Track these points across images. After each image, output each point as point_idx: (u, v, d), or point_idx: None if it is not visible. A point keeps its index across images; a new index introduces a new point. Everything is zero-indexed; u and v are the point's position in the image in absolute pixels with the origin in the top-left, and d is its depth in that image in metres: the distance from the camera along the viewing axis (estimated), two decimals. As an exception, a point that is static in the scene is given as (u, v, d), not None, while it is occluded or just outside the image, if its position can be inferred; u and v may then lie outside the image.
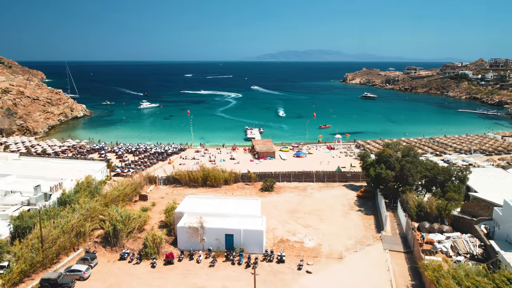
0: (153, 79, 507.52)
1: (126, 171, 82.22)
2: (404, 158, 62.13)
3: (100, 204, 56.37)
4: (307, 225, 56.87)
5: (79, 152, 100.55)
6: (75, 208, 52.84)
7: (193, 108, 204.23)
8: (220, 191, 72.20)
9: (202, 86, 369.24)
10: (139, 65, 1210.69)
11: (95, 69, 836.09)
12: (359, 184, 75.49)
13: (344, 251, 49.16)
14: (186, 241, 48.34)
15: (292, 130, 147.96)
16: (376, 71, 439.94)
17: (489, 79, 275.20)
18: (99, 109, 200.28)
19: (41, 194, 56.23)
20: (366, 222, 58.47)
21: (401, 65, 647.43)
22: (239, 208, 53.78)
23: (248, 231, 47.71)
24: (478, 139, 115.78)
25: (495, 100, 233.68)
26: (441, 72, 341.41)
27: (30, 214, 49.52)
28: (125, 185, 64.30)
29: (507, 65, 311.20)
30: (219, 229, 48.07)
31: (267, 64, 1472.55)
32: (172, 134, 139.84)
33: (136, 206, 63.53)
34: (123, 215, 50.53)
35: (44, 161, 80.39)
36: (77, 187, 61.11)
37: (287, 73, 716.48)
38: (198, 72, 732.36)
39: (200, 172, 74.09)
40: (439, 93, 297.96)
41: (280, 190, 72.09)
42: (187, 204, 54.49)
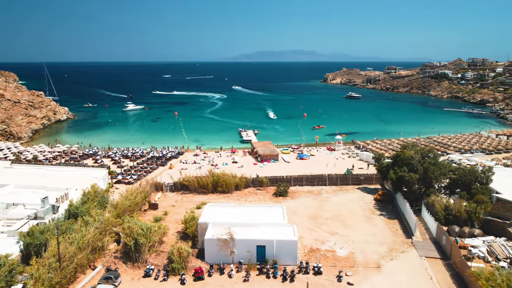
0: (131, 80, 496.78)
1: (129, 177, 77.86)
2: (425, 160, 60.62)
3: (112, 216, 52.54)
4: (333, 232, 54.51)
5: (72, 158, 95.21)
6: (88, 221, 48.75)
7: (179, 110, 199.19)
8: (232, 197, 69.04)
9: (184, 88, 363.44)
10: (115, 66, 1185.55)
11: (70, 70, 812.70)
12: (373, 186, 73.77)
13: (379, 259, 47.05)
14: (215, 254, 45.11)
15: (287, 131, 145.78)
16: (356, 71, 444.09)
17: (469, 78, 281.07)
18: (81, 111, 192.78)
19: (49, 206, 51.74)
20: (391, 227, 56.61)
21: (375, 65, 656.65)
22: (265, 217, 50.89)
23: (281, 241, 44.92)
24: (475, 138, 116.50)
25: (477, 98, 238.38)
26: (421, 72, 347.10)
27: (40, 229, 45.23)
28: (135, 194, 60.37)
29: (484, 64, 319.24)
30: (250, 240, 45.05)
31: (244, 65, 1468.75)
32: (163, 137, 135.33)
33: (147, 216, 59.73)
34: (144, 227, 46.81)
35: (39, 168, 75.18)
36: (84, 197, 56.81)
37: (266, 73, 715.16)
38: (176, 73, 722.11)
39: (209, 178, 70.68)
40: (420, 92, 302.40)
41: (295, 195, 69.54)
42: (209, 213, 51.19)
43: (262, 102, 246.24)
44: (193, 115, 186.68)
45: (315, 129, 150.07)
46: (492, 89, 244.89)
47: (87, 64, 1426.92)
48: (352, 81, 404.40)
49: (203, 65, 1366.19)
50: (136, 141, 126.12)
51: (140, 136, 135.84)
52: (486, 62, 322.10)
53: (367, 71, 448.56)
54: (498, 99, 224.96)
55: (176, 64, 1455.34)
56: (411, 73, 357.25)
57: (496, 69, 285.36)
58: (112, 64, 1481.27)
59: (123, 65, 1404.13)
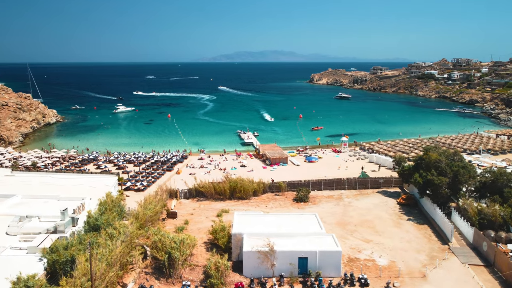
0: (114, 81, 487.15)
1: (139, 184, 74.27)
2: (454, 162, 59.35)
3: (136, 227, 49.26)
4: (367, 240, 52.53)
5: (72, 164, 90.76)
6: (113, 234, 45.39)
7: (171, 112, 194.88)
8: (251, 203, 66.42)
9: (171, 89, 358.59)
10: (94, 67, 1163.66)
11: (48, 71, 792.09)
12: (392, 190, 72.26)
13: (422, 267, 45.28)
14: (255, 267, 42.47)
15: (286, 133, 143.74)
16: (342, 71, 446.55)
17: (455, 79, 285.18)
18: (70, 114, 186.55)
19: (69, 219, 48.06)
20: (423, 232, 55.00)
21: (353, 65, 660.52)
22: (299, 226, 48.51)
23: (325, 252, 42.60)
24: (477, 139, 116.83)
25: (466, 98, 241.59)
26: (407, 72, 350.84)
27: (64, 245, 41.74)
28: (154, 203, 57.11)
29: (469, 65, 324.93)
30: (292, 252, 42.57)
31: (225, 65, 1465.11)
32: (161, 140, 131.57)
33: (166, 226, 56.58)
34: (177, 240, 43.78)
35: (44, 176, 70.81)
36: (101, 207, 53.24)
37: (249, 74, 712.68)
38: (159, 73, 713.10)
39: (226, 183, 67.86)
40: (407, 93, 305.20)
41: (316, 200, 67.39)
42: (241, 223, 48.44)
43: (253, 103, 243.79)
44: (186, 117, 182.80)
45: (314, 130, 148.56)
46: (480, 89, 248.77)
47: (65, 65, 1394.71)
48: (338, 82, 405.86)
49: (184, 65, 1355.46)
50: (134, 145, 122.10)
51: (136, 139, 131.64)
52: (470, 63, 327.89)
53: (353, 71, 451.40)
54: (487, 99, 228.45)
55: (157, 65, 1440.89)
56: (397, 74, 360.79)
57: (481, 69, 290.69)
58: (91, 65, 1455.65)
59: (103, 65, 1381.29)
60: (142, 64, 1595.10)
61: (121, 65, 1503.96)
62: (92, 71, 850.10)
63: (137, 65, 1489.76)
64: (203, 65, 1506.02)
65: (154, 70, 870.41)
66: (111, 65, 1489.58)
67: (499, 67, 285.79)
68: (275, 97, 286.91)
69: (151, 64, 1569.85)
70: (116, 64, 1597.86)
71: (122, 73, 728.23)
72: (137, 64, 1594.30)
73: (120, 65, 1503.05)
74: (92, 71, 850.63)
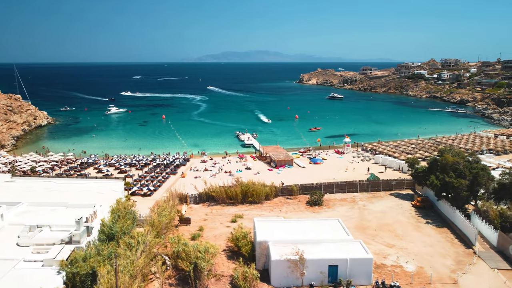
0: (102, 82, 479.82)
1: (145, 189, 71.88)
2: (472, 164, 58.68)
3: (153, 235, 47.11)
4: (390, 244, 51.36)
5: (71, 168, 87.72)
6: (131, 244, 43.21)
7: (164, 113, 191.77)
8: (264, 208, 64.73)
9: (161, 89, 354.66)
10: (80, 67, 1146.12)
11: (33, 71, 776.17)
12: (405, 192, 71.41)
13: (451, 273, 44.25)
14: (284, 276, 40.83)
15: (285, 134, 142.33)
16: (331, 72, 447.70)
17: (445, 79, 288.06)
18: (60, 116, 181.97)
19: (84, 228, 45.62)
20: (444, 236, 54.09)
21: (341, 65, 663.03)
22: (324, 232, 46.99)
23: (356, 260, 41.18)
24: (477, 139, 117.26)
25: (457, 98, 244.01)
26: (396, 72, 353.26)
27: (82, 256, 39.46)
28: (168, 209, 54.95)
29: (457, 65, 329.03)
30: (322, 260, 41.04)
31: (212, 65, 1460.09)
32: (158, 142, 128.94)
33: (180, 232, 54.48)
34: (201, 249, 41.84)
35: (47, 181, 67.78)
36: (114, 214, 50.87)
37: (237, 74, 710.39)
38: (146, 74, 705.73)
39: (238, 187, 66.01)
40: (398, 93, 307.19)
41: (329, 203, 66.05)
42: (264, 230, 46.67)
43: (246, 103, 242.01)
44: (181, 118, 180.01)
45: (312, 130, 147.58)
46: (470, 89, 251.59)
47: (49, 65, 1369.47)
48: (328, 82, 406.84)
49: (170, 66, 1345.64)
50: (131, 147, 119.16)
51: (133, 141, 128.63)
52: (458, 63, 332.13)
53: (342, 71, 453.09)
54: (477, 98, 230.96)
55: (143, 65, 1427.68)
56: (387, 74, 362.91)
57: (470, 70, 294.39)
58: (76, 65, 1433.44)
59: (89, 65, 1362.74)
60: (128, 64, 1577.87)
61: (106, 65, 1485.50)
62: (76, 71, 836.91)
63: (122, 65, 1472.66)
64: (189, 65, 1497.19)
65: (141, 71, 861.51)
66: (95, 65, 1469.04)
67: (487, 67, 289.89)
68: (267, 97, 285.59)
69: (137, 64, 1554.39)
70: (100, 64, 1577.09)
71: (108, 74, 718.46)
72: (122, 64, 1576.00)
73: (105, 65, 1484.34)
74: (75, 71, 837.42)
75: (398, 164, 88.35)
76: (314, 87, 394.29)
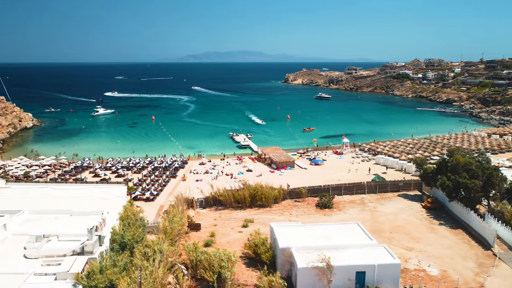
0: (85, 82, 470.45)
1: (148, 193, 69.35)
2: (485, 164, 58.37)
3: (168, 244, 45.01)
4: (408, 247, 50.43)
5: (66, 172, 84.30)
6: (147, 253, 41.03)
7: (153, 114, 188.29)
8: (274, 211, 63.12)
9: (145, 90, 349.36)
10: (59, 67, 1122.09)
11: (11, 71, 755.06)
12: (413, 193, 70.83)
13: (475, 276, 43.53)
14: (311, 284, 39.28)
15: (279, 135, 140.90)
16: (317, 72, 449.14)
17: (430, 78, 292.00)
18: (46, 117, 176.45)
19: (96, 237, 43.13)
20: (461, 238, 53.51)
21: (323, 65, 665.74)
22: (345, 237, 45.65)
23: (384, 265, 39.97)
24: (471, 138, 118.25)
25: (443, 98, 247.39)
26: (382, 72, 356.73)
27: (98, 268, 37.11)
28: (179, 215, 52.85)
29: (441, 65, 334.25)
30: (349, 266, 39.66)
31: (194, 65, 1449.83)
32: (151, 144, 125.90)
33: (192, 239, 52.42)
34: (224, 257, 39.94)
35: (44, 187, 64.69)
36: (124, 222, 48.47)
37: (221, 74, 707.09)
38: (128, 74, 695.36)
39: (246, 191, 64.22)
40: (384, 92, 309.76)
41: (340, 206, 64.89)
42: (284, 236, 45.03)
43: (235, 104, 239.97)
44: (171, 119, 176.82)
45: (306, 131, 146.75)
46: (455, 89, 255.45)
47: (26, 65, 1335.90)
48: (314, 82, 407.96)
49: (152, 66, 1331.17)
50: (124, 150, 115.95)
51: (125, 144, 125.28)
52: (442, 63, 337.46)
53: (327, 71, 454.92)
54: (463, 98, 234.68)
55: (124, 65, 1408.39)
56: (372, 74, 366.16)
57: (454, 69, 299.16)
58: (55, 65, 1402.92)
59: (68, 66, 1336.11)
60: (109, 64, 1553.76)
61: (86, 65, 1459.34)
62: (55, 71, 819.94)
63: (104, 65, 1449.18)
64: (171, 65, 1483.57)
65: (123, 71, 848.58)
66: (75, 65, 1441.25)
67: (471, 67, 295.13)
68: (255, 97, 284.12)
69: (119, 64, 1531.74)
70: (80, 65, 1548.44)
71: (90, 74, 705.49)
72: (104, 64, 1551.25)
73: (85, 65, 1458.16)
74: (54, 71, 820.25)
75: (400, 165, 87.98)
76: (300, 87, 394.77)
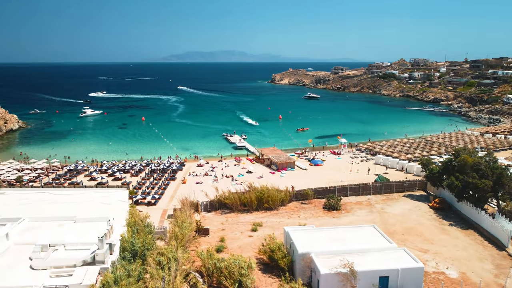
0: (68, 82, 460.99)
1: (150, 197, 67.17)
2: (495, 164, 58.21)
3: (181, 251, 43.20)
4: (423, 249, 49.70)
5: (60, 176, 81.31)
6: (162, 262, 39.24)
7: (142, 114, 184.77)
8: (281, 214, 61.76)
9: (131, 90, 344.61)
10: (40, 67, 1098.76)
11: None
12: (418, 193, 70.40)
13: (494, 278, 43.00)
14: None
15: (274, 136, 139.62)
16: (303, 71, 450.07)
17: (417, 78, 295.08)
18: (31, 119, 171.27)
19: (107, 246, 41.01)
20: (473, 238, 53.10)
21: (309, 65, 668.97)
22: (363, 240, 44.56)
23: (407, 269, 38.97)
24: (465, 137, 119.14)
25: (430, 97, 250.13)
26: (368, 72, 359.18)
27: (112, 279, 35.18)
28: (189, 220, 51.03)
29: (426, 64, 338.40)
30: (373, 271, 38.54)
31: (178, 65, 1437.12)
32: (145, 146, 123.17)
33: (202, 245, 50.68)
34: (244, 265, 38.40)
35: (40, 192, 61.82)
36: (133, 228, 46.42)
37: (206, 74, 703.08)
38: (112, 74, 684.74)
39: (253, 193, 62.69)
40: (371, 92, 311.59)
41: (347, 208, 63.94)
42: (303, 240, 43.68)
43: (224, 104, 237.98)
44: (161, 120, 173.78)
45: (300, 131, 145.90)
46: (442, 88, 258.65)
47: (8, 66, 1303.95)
48: (301, 82, 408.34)
49: (136, 66, 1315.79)
50: (117, 152, 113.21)
51: (117, 146, 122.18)
52: (427, 63, 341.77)
53: (313, 71, 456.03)
54: (450, 97, 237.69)
55: (108, 65, 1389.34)
56: (359, 73, 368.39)
57: (439, 69, 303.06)
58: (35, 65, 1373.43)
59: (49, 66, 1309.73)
60: (92, 65, 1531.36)
61: (69, 65, 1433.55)
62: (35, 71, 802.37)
63: (86, 65, 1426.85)
64: (155, 65, 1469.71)
65: (106, 71, 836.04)
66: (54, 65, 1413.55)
67: (456, 66, 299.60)
68: (244, 97, 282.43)
69: (102, 65, 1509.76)
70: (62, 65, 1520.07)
71: (72, 74, 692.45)
72: (86, 65, 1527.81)
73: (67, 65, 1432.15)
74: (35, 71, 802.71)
75: (401, 165, 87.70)
76: (287, 87, 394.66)
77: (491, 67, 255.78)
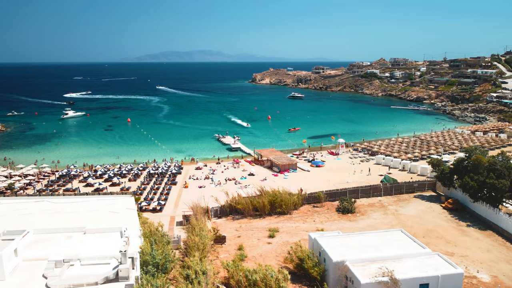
0: (42, 83, 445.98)
1: (155, 204, 63.95)
2: (509, 164, 57.94)
3: (206, 262, 40.61)
4: (449, 252, 48.64)
5: (52, 182, 76.88)
6: (189, 275, 36.61)
7: (127, 116, 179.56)
8: (295, 219, 59.76)
9: (110, 90, 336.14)
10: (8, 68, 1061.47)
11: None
12: (428, 194, 69.73)
13: (526, 281, 42.33)
14: (375, 301, 36.29)
15: (266, 136, 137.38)
16: (284, 71, 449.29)
17: (398, 77, 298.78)
18: (9, 121, 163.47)
19: (129, 260, 37.96)
20: (494, 239, 52.50)
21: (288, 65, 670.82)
22: (396, 245, 43.02)
23: (447, 276, 37.60)
24: (458, 136, 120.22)
25: (413, 96, 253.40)
26: (349, 71, 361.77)
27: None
28: (206, 228, 48.41)
29: (406, 64, 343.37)
30: (413, 279, 36.96)
31: (153, 65, 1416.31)
32: (135, 148, 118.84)
33: (221, 254, 48.17)
34: (280, 277, 36.13)
35: (39, 201, 57.69)
36: (149, 240, 43.49)
37: (185, 74, 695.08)
38: (88, 74, 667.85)
39: (265, 198, 60.45)
40: (353, 91, 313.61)
41: (361, 210, 62.53)
42: (334, 248, 41.79)
43: (210, 104, 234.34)
44: (147, 121, 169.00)
45: (291, 131, 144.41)
46: (424, 87, 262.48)
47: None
48: (282, 81, 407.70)
49: (111, 66, 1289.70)
50: (108, 155, 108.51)
51: (107, 149, 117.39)
52: (407, 62, 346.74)
53: (294, 71, 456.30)
54: (432, 96, 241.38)
55: (82, 65, 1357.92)
56: (340, 73, 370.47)
57: (420, 68, 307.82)
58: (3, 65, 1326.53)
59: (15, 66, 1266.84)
60: (66, 64, 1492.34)
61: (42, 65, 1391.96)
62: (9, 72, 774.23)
63: (57, 65, 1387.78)
64: (130, 65, 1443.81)
65: (81, 71, 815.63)
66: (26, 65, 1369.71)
67: (435, 66, 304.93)
68: (228, 97, 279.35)
69: (76, 64, 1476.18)
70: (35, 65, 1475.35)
71: (46, 74, 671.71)
72: (57, 65, 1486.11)
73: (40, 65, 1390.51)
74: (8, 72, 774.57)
75: (403, 165, 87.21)
76: (268, 87, 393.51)
77: (470, 66, 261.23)
